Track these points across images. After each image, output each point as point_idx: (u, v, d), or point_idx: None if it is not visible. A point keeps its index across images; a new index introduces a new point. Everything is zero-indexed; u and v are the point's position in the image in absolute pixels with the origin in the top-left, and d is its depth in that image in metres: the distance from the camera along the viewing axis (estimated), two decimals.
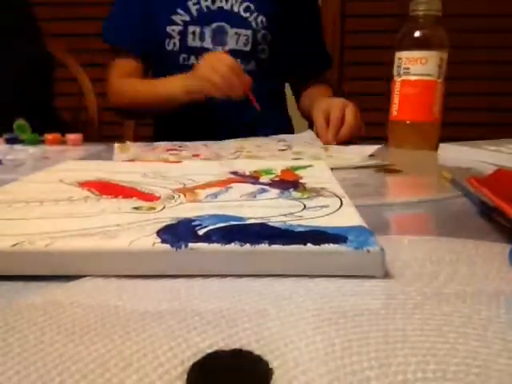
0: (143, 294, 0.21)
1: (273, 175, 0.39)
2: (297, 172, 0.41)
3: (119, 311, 0.19)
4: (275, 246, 0.22)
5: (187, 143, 0.69)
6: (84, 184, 0.35)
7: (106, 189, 0.34)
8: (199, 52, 0.82)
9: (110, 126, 1.18)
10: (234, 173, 0.41)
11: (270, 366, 0.15)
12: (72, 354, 0.16)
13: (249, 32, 0.86)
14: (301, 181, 0.37)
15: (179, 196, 0.32)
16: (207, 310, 0.19)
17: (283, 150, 0.62)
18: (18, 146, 0.68)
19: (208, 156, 0.57)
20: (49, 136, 0.71)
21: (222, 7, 0.85)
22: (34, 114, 0.74)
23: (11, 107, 0.83)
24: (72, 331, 0.17)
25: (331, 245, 0.22)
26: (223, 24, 0.85)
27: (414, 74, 0.67)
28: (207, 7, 0.85)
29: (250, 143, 0.68)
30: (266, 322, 0.18)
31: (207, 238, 0.23)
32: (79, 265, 0.22)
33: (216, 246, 0.22)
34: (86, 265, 0.22)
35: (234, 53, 0.81)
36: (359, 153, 0.59)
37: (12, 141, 0.70)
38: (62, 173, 0.40)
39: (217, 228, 0.24)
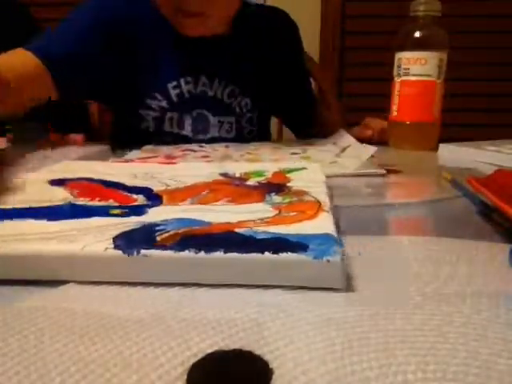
0: (141, 297, 0.21)
1: (262, 177, 0.39)
2: (289, 175, 0.40)
3: (119, 312, 0.19)
4: (231, 255, 0.21)
5: (209, 145, 0.68)
6: (69, 185, 0.35)
7: (87, 190, 0.34)
8: (176, 138, 0.73)
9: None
10: (224, 174, 0.40)
11: (270, 366, 0.15)
12: (72, 354, 0.16)
13: (232, 119, 0.78)
14: (288, 184, 0.36)
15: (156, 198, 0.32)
16: (207, 310, 0.19)
17: (296, 153, 0.61)
18: None
19: (216, 157, 0.57)
20: (51, 136, 0.71)
21: (205, 91, 0.75)
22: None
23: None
24: (72, 331, 0.17)
25: (289, 254, 0.21)
26: (204, 112, 0.75)
27: (414, 75, 0.67)
28: (189, 92, 0.74)
29: (268, 146, 0.68)
30: (266, 322, 0.18)
31: (163, 244, 0.22)
32: (32, 269, 0.22)
33: (169, 253, 0.21)
34: (42, 269, 0.22)
35: (216, 141, 0.73)
36: (357, 156, 0.58)
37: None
38: (52, 173, 0.39)
39: (176, 233, 0.24)
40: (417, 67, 0.67)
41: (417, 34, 0.67)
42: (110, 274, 0.22)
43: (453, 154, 0.63)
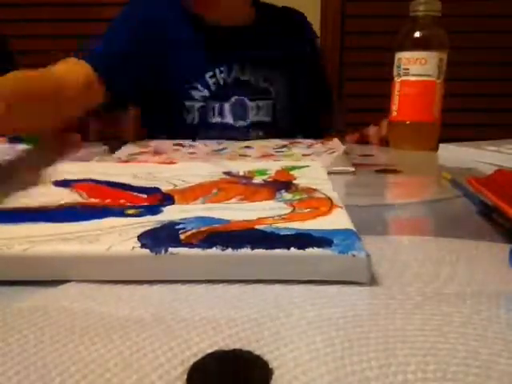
0: (142, 297, 0.21)
1: (266, 175, 0.39)
2: (292, 172, 0.40)
3: (119, 312, 0.19)
4: (258, 251, 0.21)
5: (189, 142, 0.68)
6: (75, 186, 0.35)
7: (95, 191, 0.33)
8: (219, 128, 0.80)
9: None
10: (228, 173, 0.40)
11: (270, 366, 0.15)
12: (72, 354, 0.16)
13: (269, 102, 0.83)
14: (294, 181, 0.36)
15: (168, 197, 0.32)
16: (207, 310, 0.19)
17: (280, 150, 0.61)
18: (20, 146, 0.67)
19: (203, 155, 0.57)
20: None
21: (237, 78, 0.81)
22: None
23: None
24: (72, 331, 0.17)
25: (315, 249, 0.21)
26: (241, 97, 0.80)
27: (414, 75, 0.67)
28: (223, 79, 0.80)
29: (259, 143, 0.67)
30: (266, 322, 0.18)
31: (189, 242, 0.22)
32: (58, 270, 0.21)
33: (197, 251, 0.21)
34: (64, 270, 0.22)
35: (255, 125, 0.80)
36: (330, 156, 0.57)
37: (15, 140, 0.70)
38: (54, 174, 0.39)
39: (199, 231, 0.24)
40: (417, 67, 0.67)
41: (417, 34, 0.67)
42: (137, 273, 0.22)
43: (453, 154, 0.63)
